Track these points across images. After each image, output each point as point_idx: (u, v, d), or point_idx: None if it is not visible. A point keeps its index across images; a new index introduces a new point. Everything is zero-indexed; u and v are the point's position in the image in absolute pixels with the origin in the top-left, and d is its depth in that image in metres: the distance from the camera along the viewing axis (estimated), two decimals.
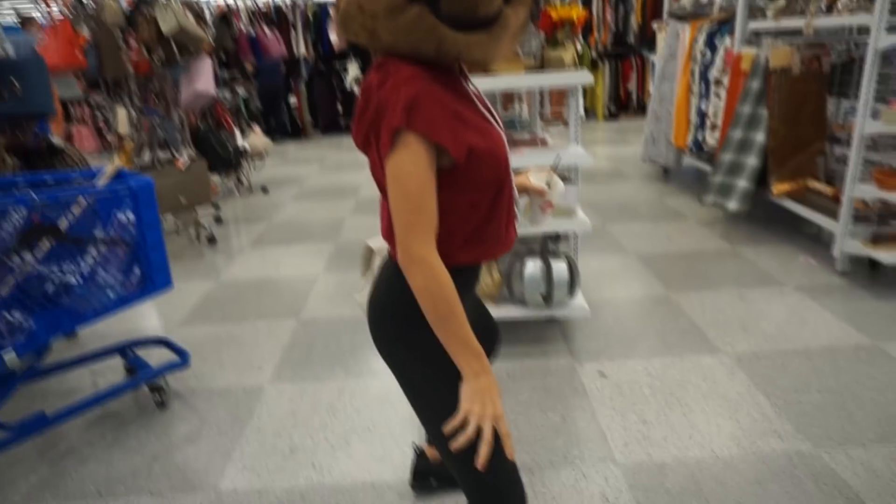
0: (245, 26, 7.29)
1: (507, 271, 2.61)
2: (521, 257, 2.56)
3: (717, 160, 3.97)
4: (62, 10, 4.45)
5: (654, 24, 5.56)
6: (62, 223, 1.97)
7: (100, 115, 7.16)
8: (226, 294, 3.45)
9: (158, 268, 2.22)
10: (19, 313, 1.95)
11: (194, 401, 2.39)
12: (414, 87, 0.98)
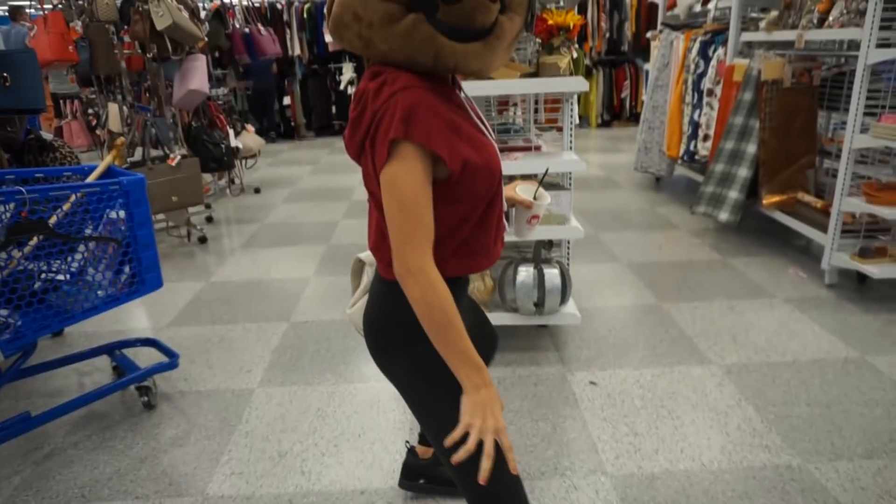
0: (240, 24, 7.25)
1: (499, 278, 2.61)
2: (513, 264, 2.56)
3: (708, 170, 4.00)
4: (55, 4, 4.41)
5: (649, 34, 5.60)
6: (51, 219, 1.95)
7: (91, 110, 7.08)
8: (216, 295, 3.42)
9: (149, 267, 2.19)
10: (5, 310, 1.92)
11: (182, 403, 2.37)
12: (411, 97, 0.97)
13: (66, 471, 2.00)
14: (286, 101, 8.91)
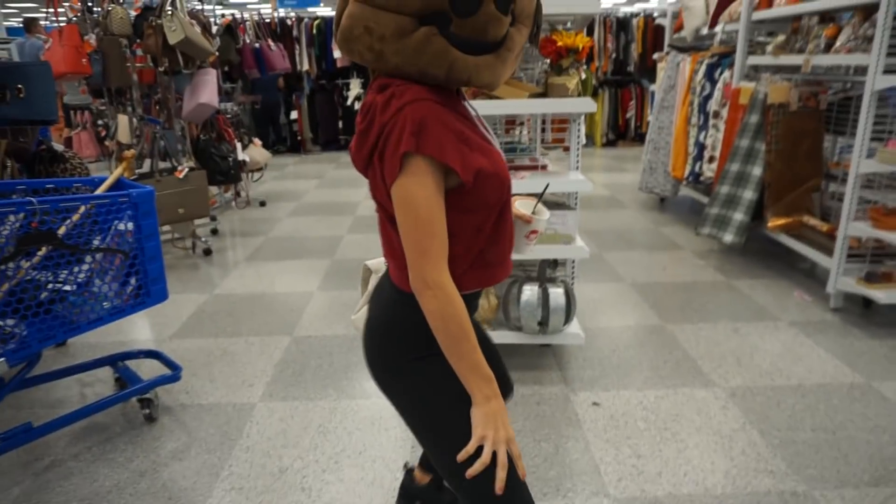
0: (250, 39, 7.34)
1: (503, 296, 2.61)
2: (518, 282, 2.56)
3: (713, 192, 4.01)
4: (70, 17, 4.47)
5: (655, 55, 5.65)
6: (60, 230, 1.96)
7: (101, 122, 7.16)
8: (220, 308, 3.42)
9: (155, 279, 2.20)
10: (12, 320, 1.92)
11: (183, 416, 2.36)
12: (420, 109, 0.98)
13: (65, 483, 1.99)
14: (293, 115, 8.99)
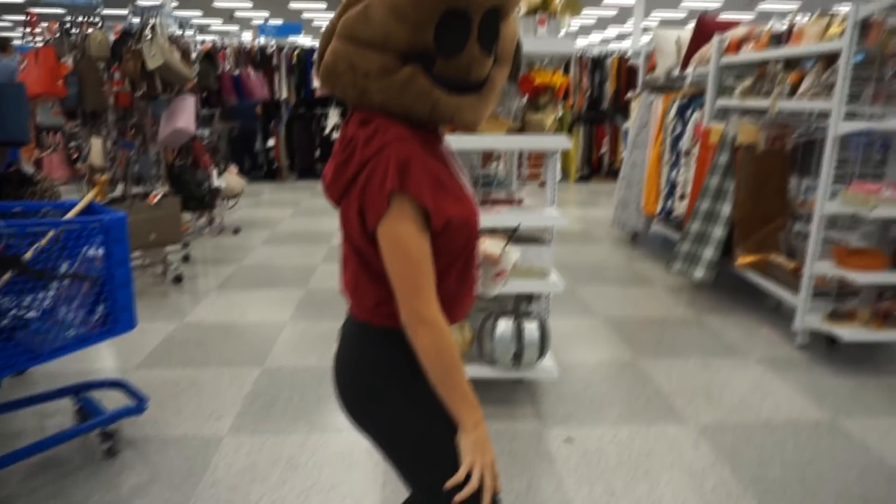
0: (230, 66, 7.36)
1: (478, 329, 2.61)
2: (493, 316, 2.56)
3: (684, 229, 4.10)
4: (47, 38, 4.44)
5: (629, 94, 5.81)
6: (27, 255, 1.91)
7: (73, 143, 7.05)
8: (189, 337, 3.35)
9: (124, 306, 2.14)
10: None
11: (147, 449, 2.29)
12: (404, 148, 0.99)
13: None
14: (270, 142, 8.98)
